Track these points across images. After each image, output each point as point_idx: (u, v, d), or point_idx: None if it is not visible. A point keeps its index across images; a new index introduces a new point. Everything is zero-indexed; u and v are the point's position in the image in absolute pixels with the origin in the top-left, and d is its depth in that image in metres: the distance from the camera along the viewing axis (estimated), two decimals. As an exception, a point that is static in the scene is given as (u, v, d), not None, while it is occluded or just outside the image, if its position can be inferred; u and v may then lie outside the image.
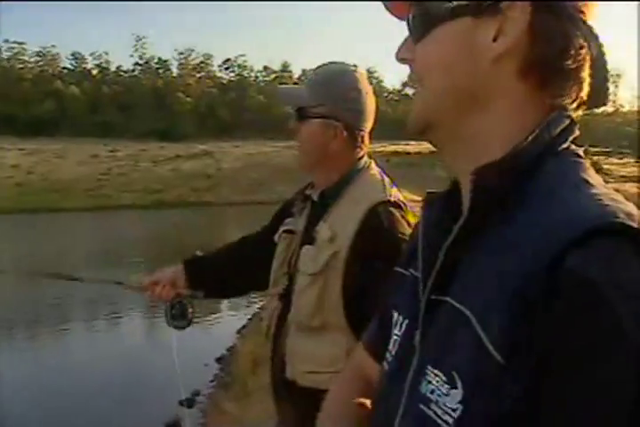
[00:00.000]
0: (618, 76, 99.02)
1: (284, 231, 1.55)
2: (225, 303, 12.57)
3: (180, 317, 1.67)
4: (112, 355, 8.23)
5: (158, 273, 1.70)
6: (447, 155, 0.66)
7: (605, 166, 53.79)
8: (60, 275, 2.08)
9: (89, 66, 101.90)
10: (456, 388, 0.54)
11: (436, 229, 0.65)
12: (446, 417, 0.54)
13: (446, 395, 0.55)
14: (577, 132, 0.63)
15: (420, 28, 0.62)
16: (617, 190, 0.54)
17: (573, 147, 0.62)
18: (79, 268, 17.65)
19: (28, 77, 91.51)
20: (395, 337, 0.70)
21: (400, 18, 0.67)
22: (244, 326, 9.30)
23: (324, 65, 1.49)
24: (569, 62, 0.58)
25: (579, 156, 0.61)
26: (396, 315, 0.72)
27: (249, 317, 10.13)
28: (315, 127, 1.44)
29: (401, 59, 0.66)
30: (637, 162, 57.77)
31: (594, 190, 0.55)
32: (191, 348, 8.37)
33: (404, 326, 0.69)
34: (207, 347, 8.29)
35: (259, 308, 10.91)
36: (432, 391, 0.57)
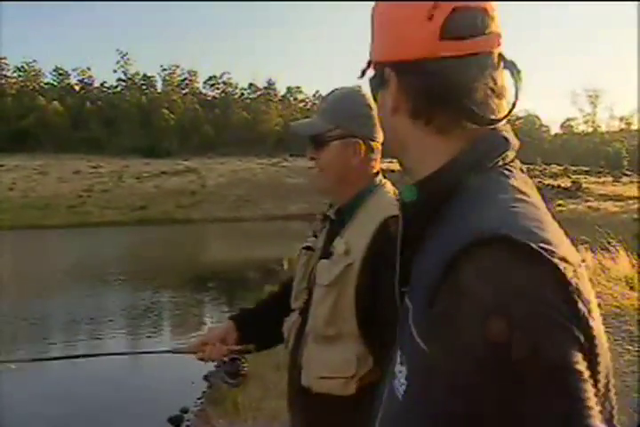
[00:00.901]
0: (596, 96, 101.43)
1: (304, 248, 1.62)
2: (211, 320, 12.51)
3: (234, 374, 1.63)
4: (97, 372, 8.14)
5: (207, 333, 1.71)
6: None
7: (584, 185, 54.77)
8: (100, 354, 2.05)
9: (72, 81, 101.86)
10: (403, 365, 0.67)
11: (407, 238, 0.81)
12: (401, 388, 0.66)
13: (400, 372, 0.68)
14: (509, 148, 0.74)
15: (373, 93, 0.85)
16: (596, 209, 0.72)
17: (503, 163, 0.72)
18: (61, 284, 17.44)
19: (10, 93, 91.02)
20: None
21: None
22: (231, 344, 9.26)
23: (331, 93, 1.56)
24: (434, 102, 0.74)
25: (507, 170, 0.71)
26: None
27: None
28: (334, 149, 1.50)
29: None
30: (616, 181, 58.94)
31: (500, 204, 0.65)
32: (177, 366, 8.37)
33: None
34: (194, 364, 8.25)
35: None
36: (399, 370, 0.69)
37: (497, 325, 0.54)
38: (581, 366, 0.56)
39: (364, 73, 0.82)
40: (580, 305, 0.58)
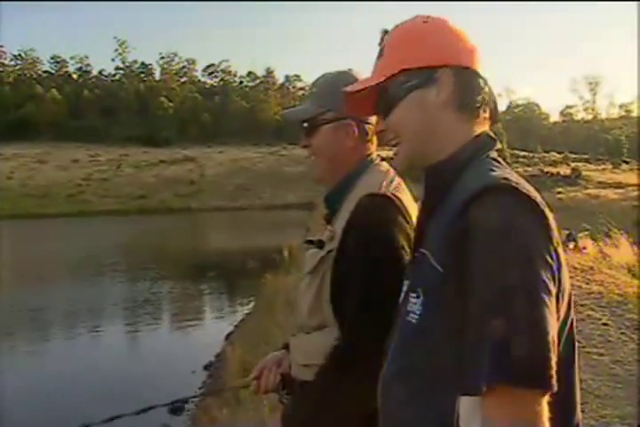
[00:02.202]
0: (596, 84, 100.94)
1: (306, 242, 1.55)
2: (210, 310, 12.50)
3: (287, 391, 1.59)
4: (97, 363, 8.12)
5: (264, 360, 1.62)
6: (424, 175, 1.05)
7: (584, 173, 54.68)
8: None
9: (70, 70, 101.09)
10: (419, 297, 0.90)
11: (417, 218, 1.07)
12: (415, 316, 0.89)
13: (415, 304, 0.90)
14: (496, 146, 0.99)
15: (387, 106, 1.02)
16: (596, 196, 0.76)
17: (493, 155, 0.97)
18: (60, 274, 17.40)
19: (8, 81, 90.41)
20: (402, 293, 0.99)
21: (358, 114, 1.17)
22: (232, 332, 9.23)
23: (321, 77, 1.52)
24: (480, 100, 0.98)
25: (495, 160, 0.95)
26: (405, 281, 1.01)
27: (235, 323, 10.07)
28: (326, 133, 1.45)
29: (379, 131, 1.09)
30: (615, 169, 58.84)
31: (491, 172, 0.89)
32: (178, 355, 8.36)
33: (406, 285, 0.99)
34: (194, 354, 8.24)
35: (245, 313, 10.86)
36: (410, 306, 0.91)
37: (499, 236, 0.79)
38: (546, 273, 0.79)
39: (388, 78, 1.00)
40: (553, 240, 0.82)
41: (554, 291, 0.79)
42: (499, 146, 1.00)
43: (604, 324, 5.06)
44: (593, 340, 4.61)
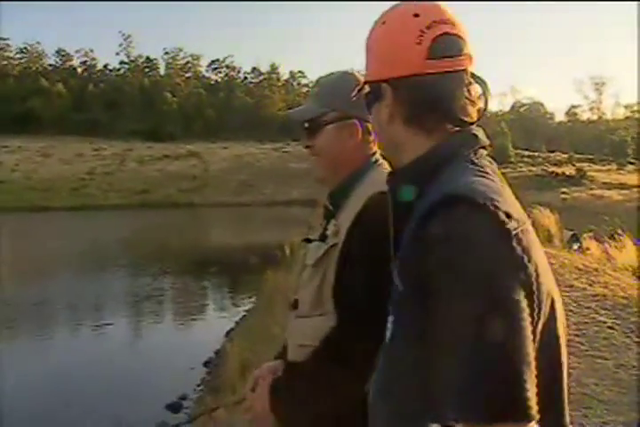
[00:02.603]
0: (602, 84, 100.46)
1: (303, 240, 1.55)
2: (211, 306, 12.48)
3: None
4: (96, 358, 8.10)
5: (259, 369, 1.58)
6: None
7: (589, 173, 54.45)
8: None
9: (74, 63, 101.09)
10: (389, 314, 0.88)
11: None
12: (387, 334, 0.88)
13: (388, 321, 0.89)
14: (478, 144, 0.94)
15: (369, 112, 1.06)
16: (600, 197, 0.85)
17: (470, 156, 0.91)
18: (63, 267, 17.39)
19: (12, 74, 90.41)
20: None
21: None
22: (232, 329, 9.19)
23: (323, 77, 1.53)
24: (432, 108, 0.94)
25: (472, 162, 0.90)
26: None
27: (236, 320, 10.03)
28: (329, 133, 1.45)
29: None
30: (620, 169, 58.57)
31: (460, 180, 0.84)
32: (178, 351, 8.32)
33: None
34: (194, 350, 8.20)
35: (246, 310, 10.82)
36: (388, 324, 0.89)
37: (444, 252, 0.75)
38: (515, 293, 0.74)
39: (359, 90, 1.02)
40: (518, 250, 0.76)
41: (526, 304, 0.74)
42: (482, 144, 0.95)
43: (609, 327, 4.99)
44: (596, 343, 4.55)
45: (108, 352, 8.49)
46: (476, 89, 0.97)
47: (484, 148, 0.95)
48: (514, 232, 0.77)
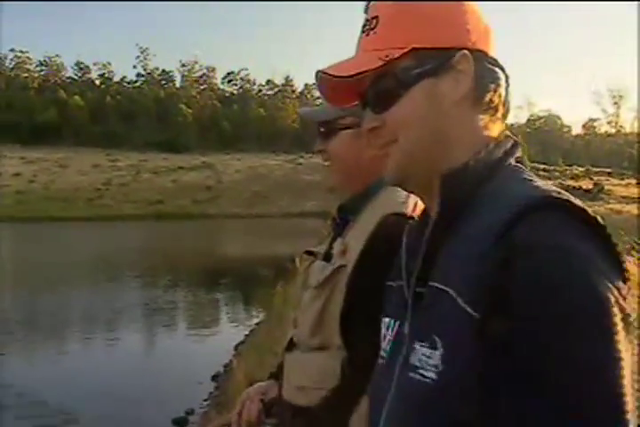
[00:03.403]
0: (620, 97, 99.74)
1: (305, 252, 1.45)
2: (222, 319, 12.40)
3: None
4: (106, 370, 8.05)
5: (249, 389, 1.53)
6: (424, 193, 0.81)
7: (607, 187, 53.85)
8: None
9: (93, 76, 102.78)
10: (437, 349, 0.66)
11: (412, 243, 0.82)
12: (430, 374, 0.66)
13: (429, 357, 0.67)
14: (519, 153, 0.79)
15: (384, 98, 0.77)
16: (619, 211, 0.76)
17: (516, 164, 0.77)
18: (78, 277, 17.48)
19: (32, 86, 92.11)
20: (388, 337, 0.81)
21: (337, 104, 0.89)
22: (242, 342, 9.09)
23: None
24: (499, 94, 0.78)
25: (521, 169, 0.76)
26: (387, 320, 0.83)
27: (246, 333, 9.93)
28: (344, 139, 1.35)
29: (368, 130, 0.80)
30: (638, 183, 57.88)
31: (533, 183, 0.70)
32: (186, 365, 8.24)
33: (395, 325, 0.80)
34: (203, 364, 8.11)
35: (256, 323, 10.73)
36: (419, 360, 0.68)
37: (555, 275, 0.59)
38: (617, 319, 0.59)
39: (390, 60, 0.75)
40: (623, 264, 0.64)
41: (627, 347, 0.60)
42: (520, 152, 0.80)
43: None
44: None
45: (117, 364, 8.43)
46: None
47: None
48: (614, 245, 0.65)
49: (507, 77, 0.79)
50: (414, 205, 1.25)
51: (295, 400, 1.27)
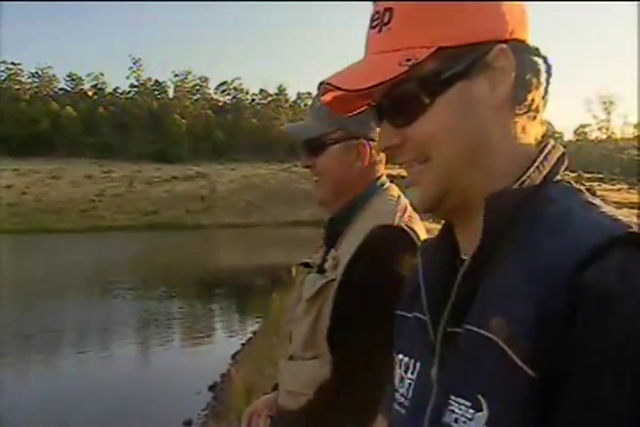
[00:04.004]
0: (610, 103, 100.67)
1: (301, 264, 1.46)
2: (218, 329, 12.36)
3: None
4: (102, 381, 8.00)
5: (254, 403, 1.53)
6: (457, 217, 0.68)
7: (599, 193, 54.27)
8: None
9: (85, 87, 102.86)
10: (481, 410, 0.55)
11: (434, 271, 0.69)
12: None
13: (470, 419, 0.56)
14: (565, 164, 0.66)
15: (409, 109, 0.63)
16: None
17: (567, 180, 0.64)
18: (72, 289, 17.39)
19: (24, 98, 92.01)
20: (408, 380, 0.70)
21: (342, 113, 0.72)
22: (238, 352, 9.08)
23: None
24: (540, 91, 0.65)
25: (575, 187, 0.63)
26: (404, 358, 0.72)
27: (242, 342, 9.92)
28: (334, 154, 1.34)
29: (387, 147, 0.67)
30: (630, 189, 58.31)
31: (601, 209, 0.58)
32: (184, 375, 8.21)
33: (416, 367, 0.69)
34: (200, 374, 8.09)
35: (252, 332, 10.71)
36: (456, 420, 0.58)
37: None
38: None
39: (414, 65, 0.60)
40: None
41: None
42: (567, 162, 0.67)
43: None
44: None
45: (114, 376, 8.38)
46: None
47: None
48: None
49: (549, 68, 0.66)
50: (401, 214, 1.26)
51: (285, 404, 1.30)
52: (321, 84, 0.65)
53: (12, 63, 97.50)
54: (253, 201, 58.85)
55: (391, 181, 1.39)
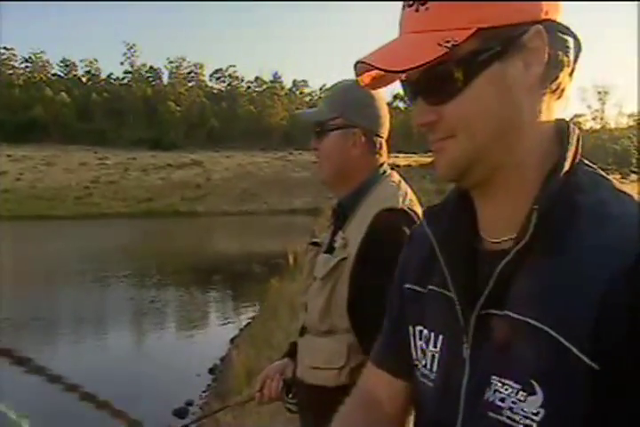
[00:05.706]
0: (605, 93, 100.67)
1: (311, 244, 1.61)
2: (216, 314, 12.54)
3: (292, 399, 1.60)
4: (101, 366, 8.15)
5: (267, 369, 1.64)
6: (479, 188, 0.69)
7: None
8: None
9: (79, 73, 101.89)
10: (534, 394, 0.58)
11: (454, 248, 0.70)
12: (527, 421, 0.58)
13: (522, 401, 0.59)
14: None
15: (446, 88, 0.64)
16: None
17: (587, 163, 0.66)
18: (66, 276, 17.48)
19: (17, 83, 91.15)
20: (430, 353, 0.72)
21: (374, 88, 0.73)
22: (236, 336, 9.27)
23: (338, 82, 1.56)
24: (568, 71, 0.66)
25: (598, 172, 0.66)
26: (423, 330, 0.75)
27: (241, 327, 10.11)
28: (334, 139, 1.48)
29: (422, 124, 0.67)
30: (623, 179, 58.59)
31: (631, 198, 0.60)
32: (184, 359, 8.39)
33: (440, 341, 0.71)
34: (199, 357, 8.27)
35: (250, 318, 10.89)
36: (502, 400, 0.60)
37: None
38: None
39: (454, 46, 0.61)
40: None
41: None
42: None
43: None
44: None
45: (115, 359, 8.55)
46: None
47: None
48: None
49: (579, 45, 0.66)
50: (403, 198, 1.42)
51: (308, 379, 1.43)
52: (357, 63, 0.65)
53: (5, 48, 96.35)
54: (249, 189, 58.79)
55: (392, 169, 1.55)
